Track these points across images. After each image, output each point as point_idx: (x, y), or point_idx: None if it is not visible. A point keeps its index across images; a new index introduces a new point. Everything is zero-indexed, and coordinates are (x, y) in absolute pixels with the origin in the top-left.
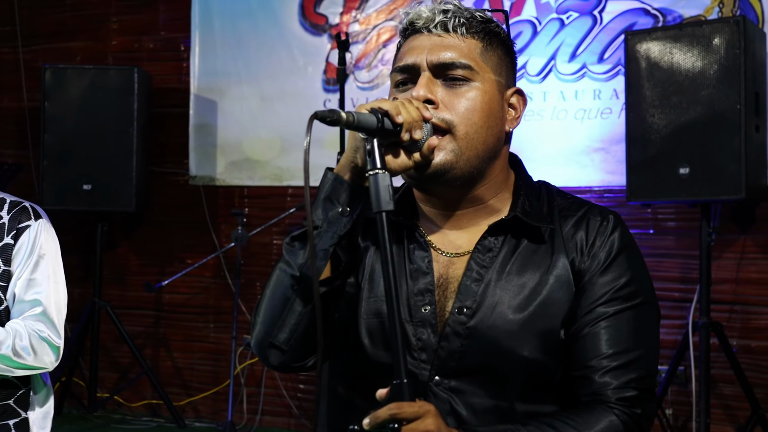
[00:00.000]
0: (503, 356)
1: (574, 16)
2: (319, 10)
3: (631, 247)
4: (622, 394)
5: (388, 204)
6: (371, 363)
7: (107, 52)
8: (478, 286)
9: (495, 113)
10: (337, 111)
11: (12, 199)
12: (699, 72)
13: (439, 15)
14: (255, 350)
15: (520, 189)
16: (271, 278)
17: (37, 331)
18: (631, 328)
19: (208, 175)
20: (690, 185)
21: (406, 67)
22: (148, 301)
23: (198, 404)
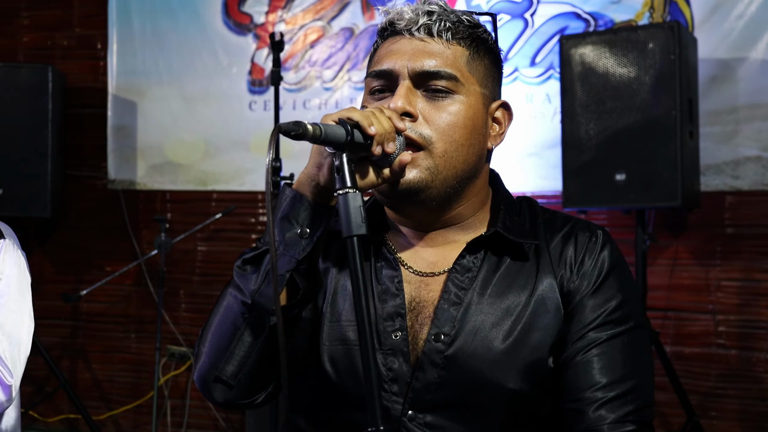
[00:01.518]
0: (485, 388)
1: (505, 19)
2: (243, 8)
3: (622, 265)
4: (620, 429)
5: (360, 227)
6: (337, 394)
7: (18, 49)
8: (456, 311)
9: (478, 129)
10: (302, 123)
11: None
12: (634, 77)
13: (423, 17)
14: (198, 384)
15: (500, 204)
16: (219, 304)
17: None
18: (626, 354)
19: (128, 179)
20: (626, 192)
21: (384, 73)
22: (64, 310)
23: (119, 418)
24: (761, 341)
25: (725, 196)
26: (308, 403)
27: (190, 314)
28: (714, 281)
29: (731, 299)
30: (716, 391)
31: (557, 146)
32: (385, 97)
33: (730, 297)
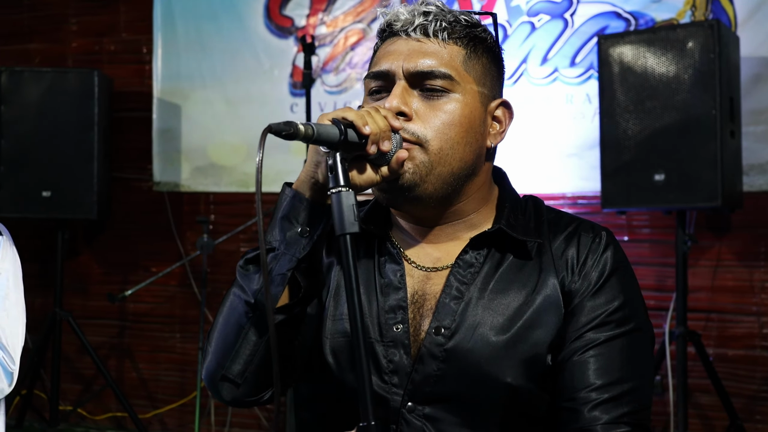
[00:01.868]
0: (484, 382)
1: (545, 19)
2: (284, 12)
3: (625, 267)
4: (614, 431)
5: (352, 225)
6: (338, 385)
7: (66, 54)
8: (457, 305)
9: (475, 128)
10: (293, 123)
11: None
12: (673, 77)
13: (419, 17)
14: (206, 383)
15: (505, 202)
16: (224, 304)
17: None
18: (624, 356)
19: (173, 181)
20: (665, 192)
21: (380, 74)
22: (111, 310)
23: (164, 416)
24: None
25: None
26: (312, 396)
27: None
28: (758, 283)
29: None
30: (761, 394)
31: (597, 147)
32: (382, 98)
33: None
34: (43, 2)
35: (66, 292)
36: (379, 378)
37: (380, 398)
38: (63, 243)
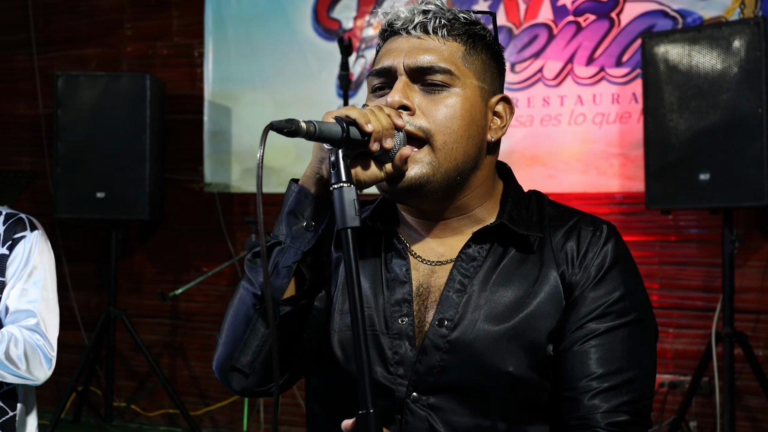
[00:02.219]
0: (486, 372)
1: (591, 19)
2: (332, 14)
3: (626, 259)
4: (613, 419)
5: (353, 220)
6: (346, 377)
7: (121, 59)
8: (460, 297)
9: (476, 121)
10: (295, 121)
11: (8, 211)
12: (719, 75)
13: (419, 16)
14: (216, 373)
15: (508, 197)
16: (234, 297)
17: (33, 340)
18: (624, 346)
19: (223, 182)
20: (710, 191)
21: (382, 71)
22: (164, 309)
23: (215, 413)
24: None
25: None
26: (322, 388)
27: None
28: None
29: None
30: None
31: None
32: (385, 94)
33: None
34: (100, 8)
35: (120, 291)
36: (385, 369)
37: (386, 389)
38: (117, 243)
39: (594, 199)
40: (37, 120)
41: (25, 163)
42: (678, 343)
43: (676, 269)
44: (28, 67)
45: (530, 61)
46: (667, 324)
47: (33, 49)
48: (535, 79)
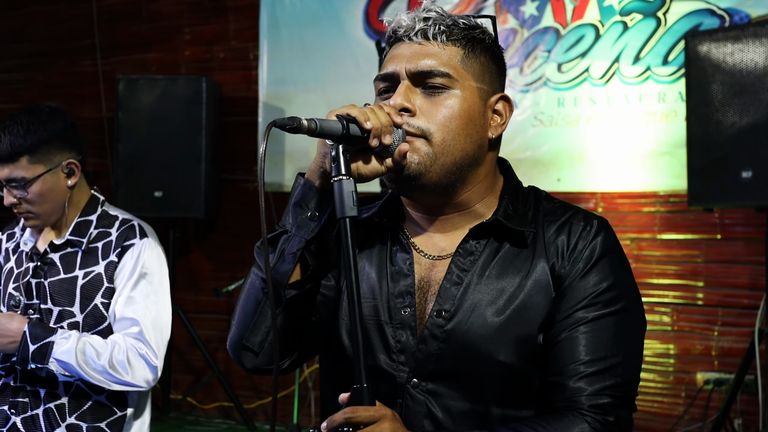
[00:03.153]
0: (479, 360)
1: (637, 19)
2: (383, 16)
3: (615, 252)
4: (596, 401)
5: (351, 210)
6: (352, 363)
7: (180, 63)
8: (457, 290)
9: (475, 120)
10: (297, 118)
11: (123, 216)
12: (762, 72)
13: (420, 23)
14: (230, 352)
15: (505, 193)
16: (245, 282)
17: (136, 348)
18: (611, 334)
19: (277, 181)
20: (753, 189)
21: (387, 76)
22: (219, 305)
23: (268, 407)
24: None
25: None
26: (331, 372)
27: None
28: None
29: None
30: None
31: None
32: (389, 97)
33: None
34: (160, 14)
35: (177, 288)
36: (388, 356)
37: (388, 375)
38: (174, 241)
39: (640, 197)
40: (100, 122)
41: (89, 164)
42: (723, 340)
43: (722, 267)
44: (93, 71)
45: (577, 61)
46: (712, 321)
47: (97, 54)
48: (581, 78)
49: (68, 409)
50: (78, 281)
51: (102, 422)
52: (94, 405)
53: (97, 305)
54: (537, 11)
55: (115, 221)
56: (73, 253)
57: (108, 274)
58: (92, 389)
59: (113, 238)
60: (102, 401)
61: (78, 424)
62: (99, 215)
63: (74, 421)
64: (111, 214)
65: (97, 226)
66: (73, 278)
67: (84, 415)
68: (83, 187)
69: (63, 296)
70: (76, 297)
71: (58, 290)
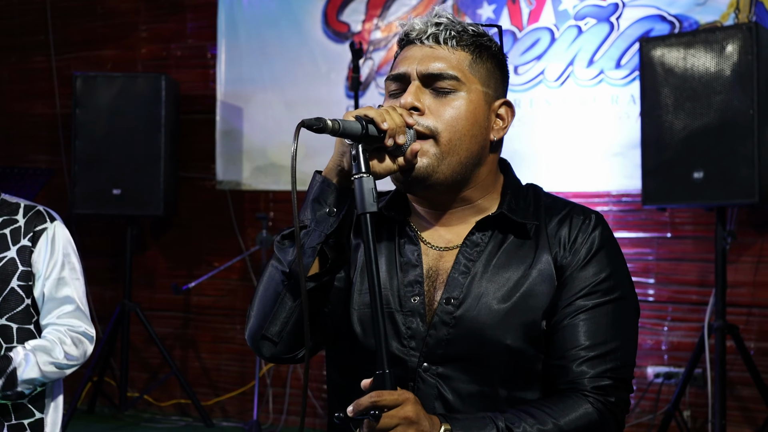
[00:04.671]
0: (487, 344)
1: (591, 23)
2: (341, 18)
3: (612, 244)
4: (597, 383)
5: (371, 206)
6: (363, 351)
7: (136, 60)
8: (465, 279)
9: (480, 122)
10: (323, 119)
11: (26, 203)
12: (713, 77)
13: (432, 27)
14: (249, 342)
15: (507, 189)
16: (264, 275)
17: (74, 327)
18: (609, 320)
19: (234, 180)
20: (704, 189)
21: (398, 76)
22: (176, 303)
23: (225, 404)
24: None
25: None
26: (341, 359)
27: None
28: None
29: None
30: None
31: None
32: (400, 97)
33: None
34: (116, 11)
35: (134, 285)
36: (399, 342)
37: (400, 360)
38: (132, 238)
39: (594, 196)
40: (54, 119)
41: (42, 161)
42: (672, 335)
43: (672, 264)
44: (46, 68)
45: (533, 64)
46: (662, 317)
47: (51, 50)
48: (537, 80)
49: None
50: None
51: (26, 399)
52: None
53: (14, 288)
54: (494, 14)
55: (18, 208)
56: None
57: (22, 258)
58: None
59: (21, 224)
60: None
61: (4, 403)
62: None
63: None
64: (11, 201)
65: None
66: None
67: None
68: None
69: None
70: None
71: None
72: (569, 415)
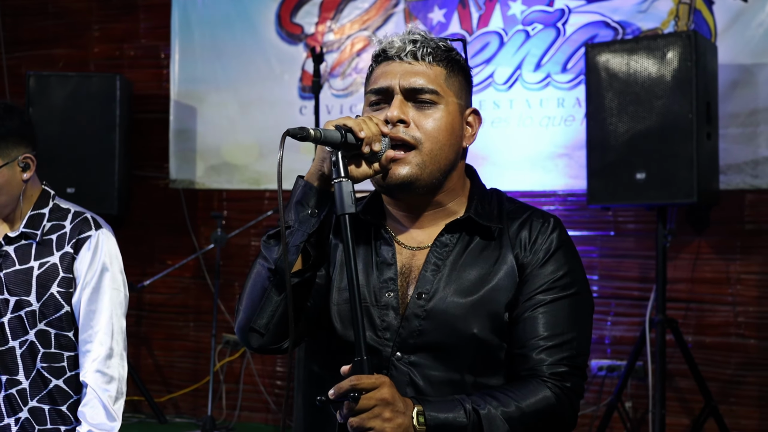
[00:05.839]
0: (455, 334)
1: (538, 28)
2: (295, 20)
3: (568, 245)
4: (555, 370)
5: (350, 207)
6: (342, 342)
7: (89, 59)
8: (434, 276)
9: (456, 132)
10: (306, 128)
11: (75, 209)
12: (654, 83)
13: (410, 45)
14: (238, 335)
15: (474, 194)
16: (251, 272)
17: (104, 390)
18: (566, 314)
19: (188, 179)
20: (646, 189)
21: (381, 90)
22: (131, 300)
23: (178, 400)
24: None
25: (745, 194)
26: (321, 351)
27: None
28: (734, 275)
29: (750, 291)
30: (735, 378)
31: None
32: (381, 109)
33: (749, 289)
34: (67, 10)
35: None
36: (374, 334)
37: (375, 350)
38: None
39: (540, 196)
40: None
41: None
42: (615, 330)
43: (615, 261)
44: None
45: (482, 67)
46: (606, 312)
47: (2, 49)
48: (486, 83)
49: (29, 393)
50: (34, 272)
51: (63, 405)
52: (54, 389)
53: (53, 294)
54: (444, 18)
55: (67, 214)
56: (28, 245)
57: (64, 264)
58: (52, 374)
59: (67, 230)
60: (60, 386)
61: (40, 407)
62: (51, 208)
63: (36, 404)
64: (63, 207)
65: (50, 219)
66: (28, 269)
67: (44, 399)
68: (36, 182)
69: (19, 286)
70: (32, 287)
71: (14, 281)
72: (529, 399)
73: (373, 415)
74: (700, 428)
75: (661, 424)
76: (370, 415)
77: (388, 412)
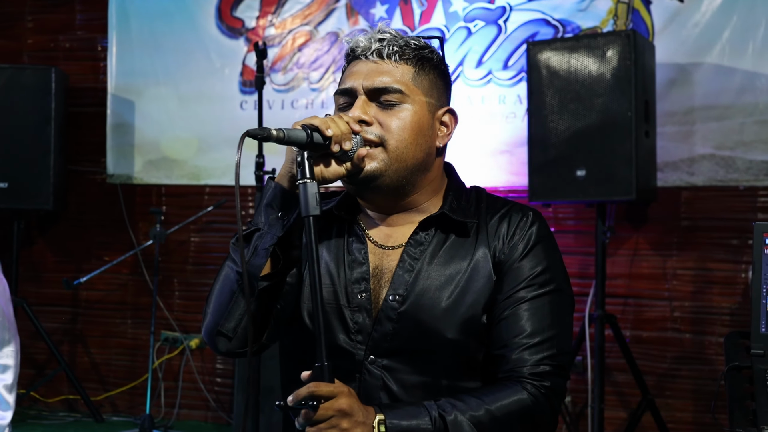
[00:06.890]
0: (430, 338)
1: (480, 25)
2: (235, 13)
3: (548, 239)
4: (535, 370)
5: (314, 209)
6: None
7: (22, 51)
8: (409, 276)
9: (424, 131)
10: (267, 129)
11: None
12: (594, 81)
13: (375, 43)
14: (205, 338)
15: (449, 191)
16: (219, 275)
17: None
18: (547, 311)
19: (126, 173)
20: (586, 187)
21: (345, 91)
22: (65, 297)
23: (116, 399)
24: (713, 326)
25: (681, 192)
26: (293, 348)
27: (184, 301)
28: (670, 270)
29: (686, 287)
30: (671, 372)
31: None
32: (348, 110)
33: (685, 285)
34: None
35: (21, 280)
36: (347, 336)
37: (347, 352)
38: (19, 232)
39: None
40: None
41: None
42: None
43: None
44: None
45: None
46: None
47: None
48: None
49: None
50: None
51: None
52: None
53: None
54: (386, 14)
55: None
56: None
57: None
58: None
59: None
60: None
61: None
62: None
63: None
64: None
65: None
66: None
67: None
68: None
69: None
70: None
71: None
72: (501, 401)
73: (330, 425)
74: (638, 421)
75: (600, 419)
76: (326, 426)
77: (345, 422)
